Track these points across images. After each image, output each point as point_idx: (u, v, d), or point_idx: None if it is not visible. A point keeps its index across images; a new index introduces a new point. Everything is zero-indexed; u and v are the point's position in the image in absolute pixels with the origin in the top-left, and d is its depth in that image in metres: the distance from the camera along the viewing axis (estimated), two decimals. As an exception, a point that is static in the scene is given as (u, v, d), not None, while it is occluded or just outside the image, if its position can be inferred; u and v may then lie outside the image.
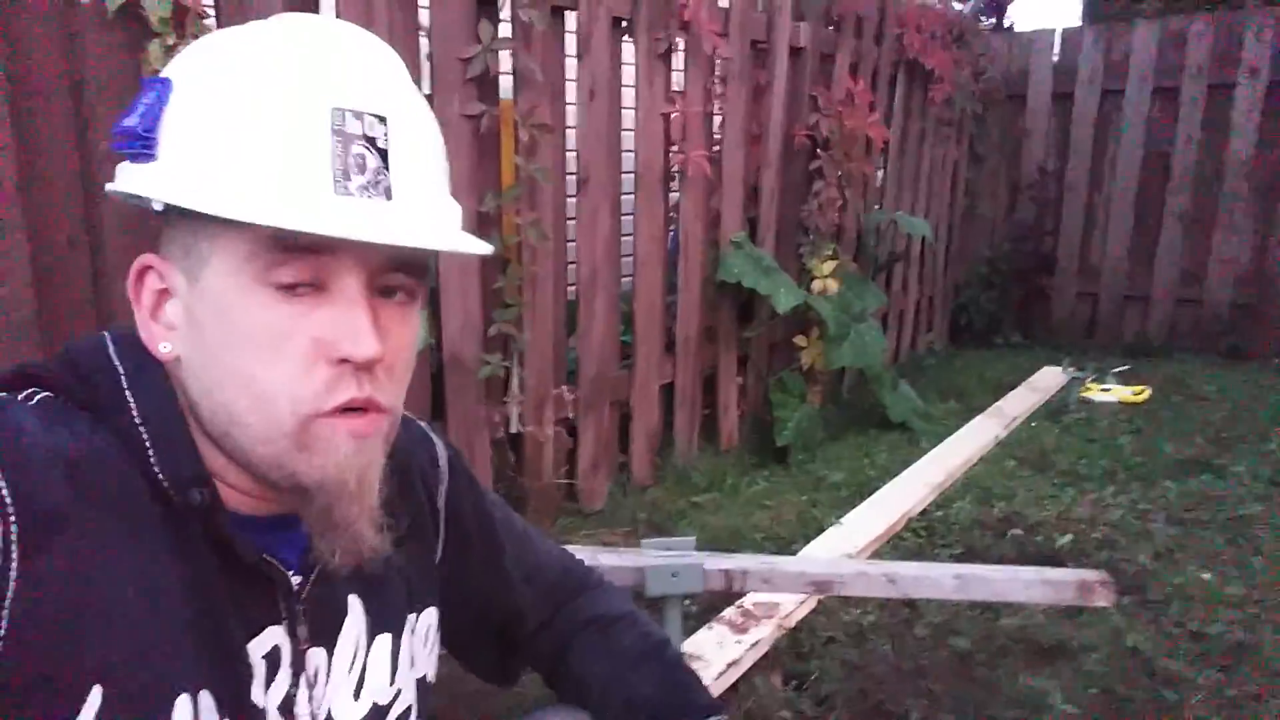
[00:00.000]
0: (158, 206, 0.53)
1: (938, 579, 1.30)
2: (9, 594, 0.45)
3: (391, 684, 0.67)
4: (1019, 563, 2.31)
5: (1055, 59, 5.17)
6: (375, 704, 0.66)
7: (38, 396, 0.54)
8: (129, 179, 0.55)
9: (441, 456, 0.78)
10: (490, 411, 2.31)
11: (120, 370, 0.56)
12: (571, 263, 2.60)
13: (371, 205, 0.53)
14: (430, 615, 0.72)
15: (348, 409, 0.55)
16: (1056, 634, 1.94)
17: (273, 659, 0.59)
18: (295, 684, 0.60)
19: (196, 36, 1.26)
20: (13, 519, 0.46)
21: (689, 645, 1.83)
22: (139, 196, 0.54)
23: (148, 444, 0.54)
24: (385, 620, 0.67)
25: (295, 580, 0.61)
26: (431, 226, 0.57)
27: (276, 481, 0.56)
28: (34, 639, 0.46)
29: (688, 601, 2.12)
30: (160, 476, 0.54)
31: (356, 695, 0.64)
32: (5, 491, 0.46)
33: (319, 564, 0.61)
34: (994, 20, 7.37)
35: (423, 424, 0.79)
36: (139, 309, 0.57)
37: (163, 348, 0.56)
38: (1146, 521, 2.57)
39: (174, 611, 0.52)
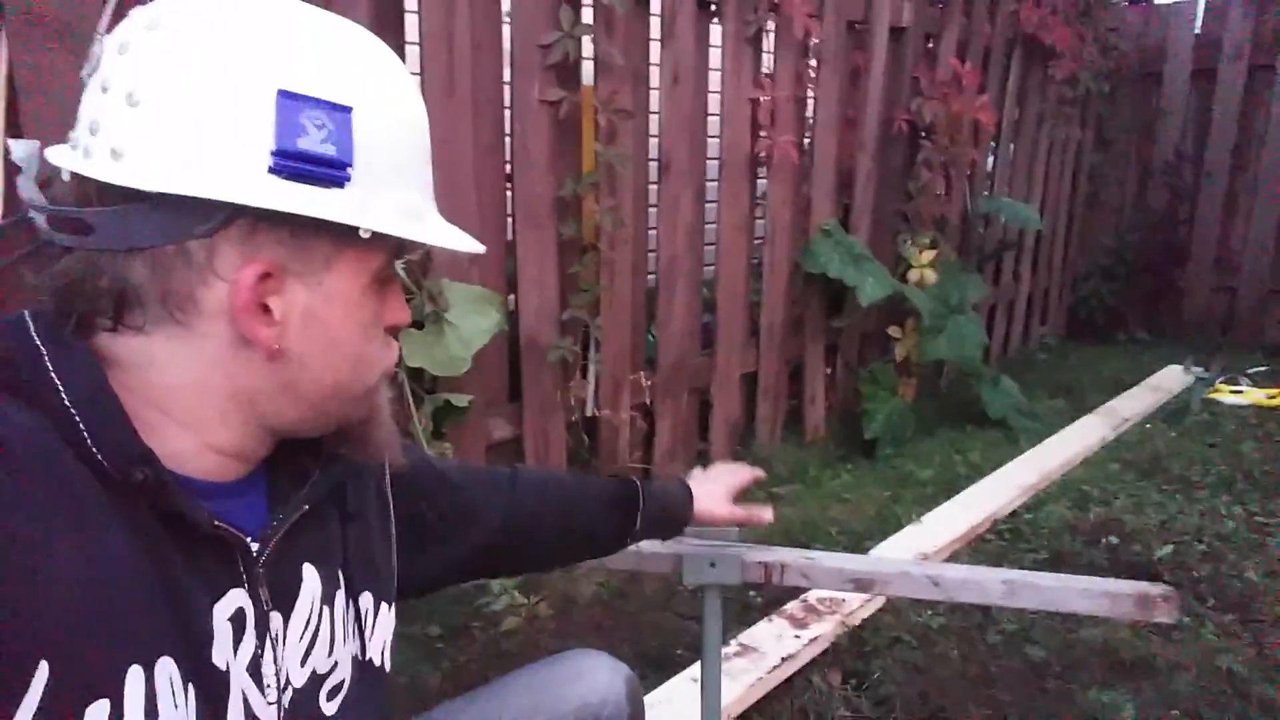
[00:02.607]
0: (365, 235, 0.58)
1: (984, 584, 1.24)
2: None
3: (330, 654, 0.69)
4: (1109, 572, 2.18)
5: (1196, 32, 4.78)
6: (315, 671, 0.67)
7: None
8: (312, 203, 0.55)
9: None
10: (566, 395, 2.35)
11: (43, 350, 0.54)
12: (652, 250, 2.61)
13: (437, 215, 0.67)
14: (365, 600, 0.73)
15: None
16: (1142, 649, 1.82)
17: (238, 621, 0.60)
18: (261, 646, 0.62)
19: None
20: None
21: (746, 636, 1.83)
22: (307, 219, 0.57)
23: (79, 423, 0.53)
24: (332, 593, 0.69)
25: (254, 546, 0.62)
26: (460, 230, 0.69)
27: (337, 425, 0.66)
28: None
29: (753, 593, 2.11)
30: (99, 456, 0.53)
31: (303, 662, 0.66)
32: None
33: (276, 534, 0.63)
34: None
35: None
36: (251, 313, 0.57)
37: (273, 344, 0.59)
38: (1262, 535, 2.37)
39: (123, 583, 0.52)
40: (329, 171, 0.56)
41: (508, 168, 2.17)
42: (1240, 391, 3.68)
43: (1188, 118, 4.85)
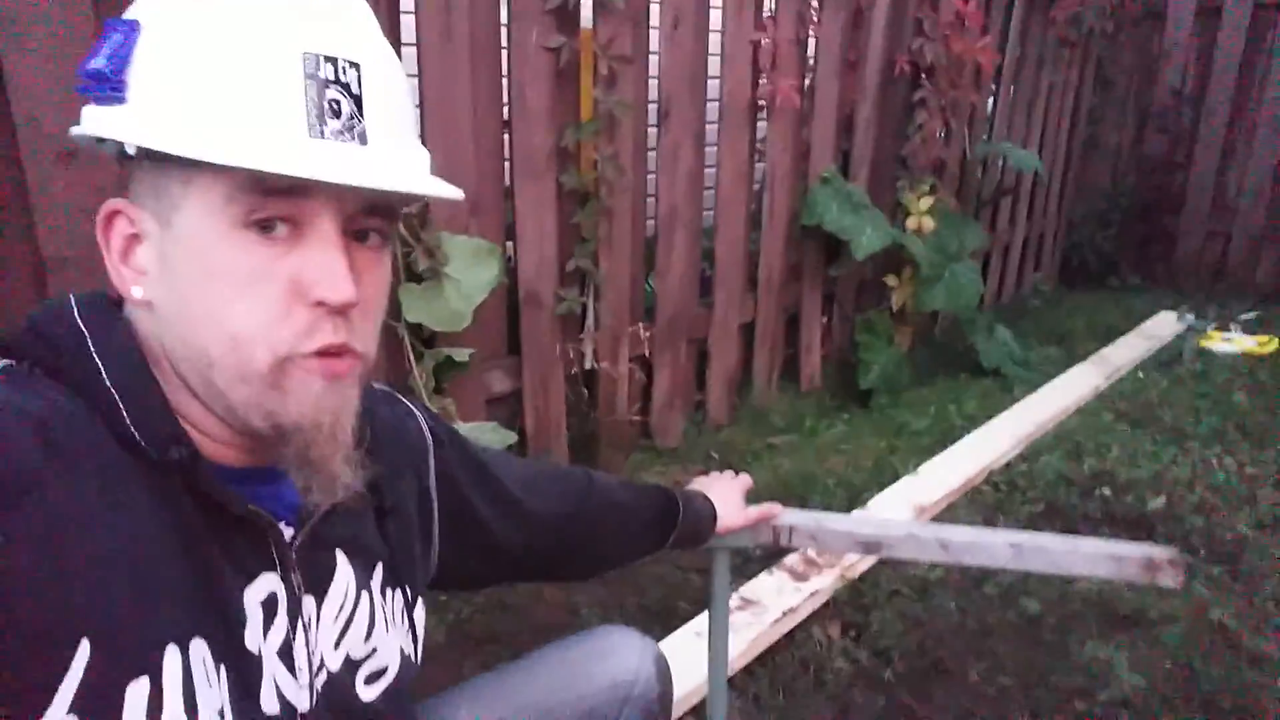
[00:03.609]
0: (130, 150, 0.53)
1: (992, 546, 1.25)
2: None
3: (367, 640, 0.68)
4: (1104, 523, 2.22)
5: (1203, -30, 4.68)
6: (349, 656, 0.67)
7: (1, 364, 0.54)
8: (98, 122, 0.54)
9: (424, 427, 0.80)
10: (565, 348, 2.33)
11: (86, 333, 0.55)
12: (651, 196, 2.56)
13: (347, 149, 0.54)
14: (410, 594, 0.74)
15: (323, 353, 0.56)
16: (1135, 602, 1.86)
17: (269, 605, 0.60)
18: (293, 629, 0.62)
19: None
20: None
21: (747, 589, 1.85)
22: (105, 140, 0.54)
23: (120, 405, 0.54)
24: (366, 581, 0.69)
25: (288, 531, 0.62)
26: (406, 170, 0.57)
27: (255, 424, 0.57)
28: (20, 596, 0.46)
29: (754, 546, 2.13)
30: (137, 436, 0.54)
31: (336, 645, 0.66)
32: None
33: (311, 518, 0.63)
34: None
35: (402, 398, 0.81)
36: (108, 254, 0.58)
37: (135, 291, 0.57)
38: (1253, 486, 2.41)
39: (159, 564, 0.53)
40: (102, 87, 0.53)
41: (505, 114, 2.11)
42: (1231, 339, 3.70)
43: (1190, 59, 4.77)
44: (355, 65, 0.54)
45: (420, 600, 0.75)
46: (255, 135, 0.51)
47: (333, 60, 0.53)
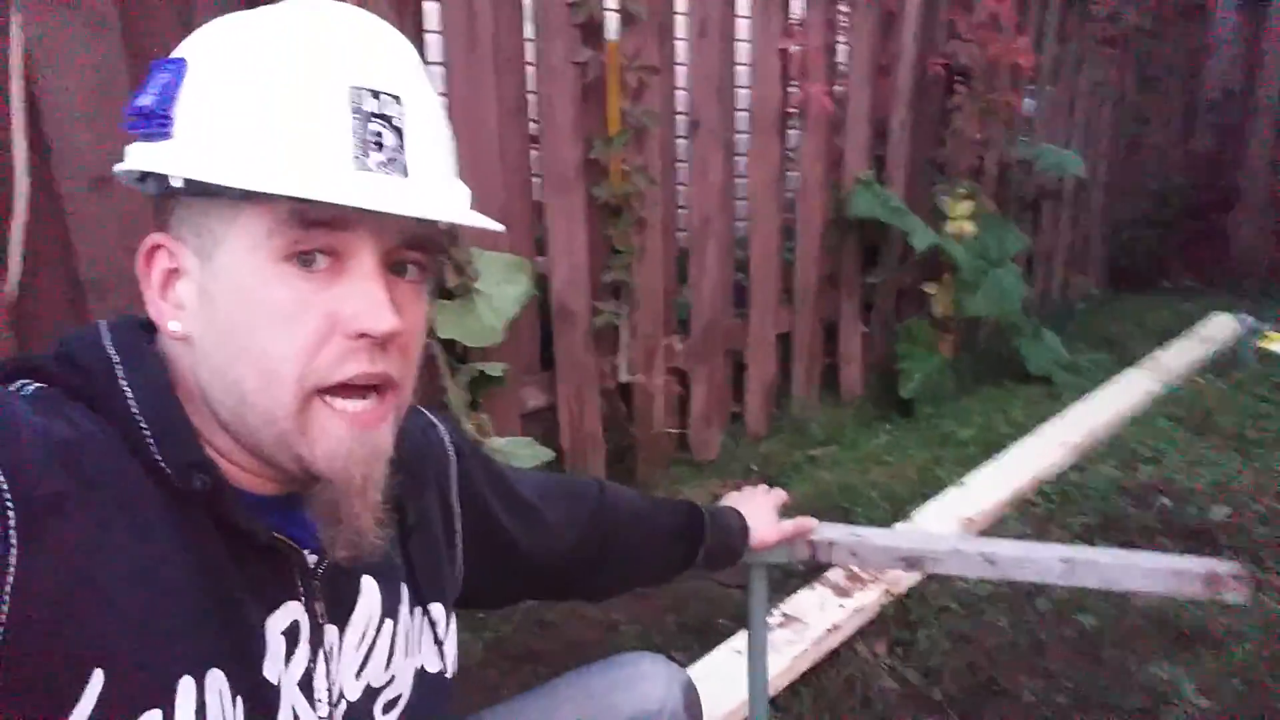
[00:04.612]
0: (177, 183, 0.53)
1: (1042, 561, 1.19)
2: (10, 582, 0.46)
3: (387, 668, 0.67)
4: (1163, 534, 2.12)
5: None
6: (369, 685, 0.66)
7: (32, 388, 0.55)
8: (144, 157, 0.55)
9: (446, 439, 0.79)
10: (599, 361, 2.30)
11: (116, 359, 0.56)
12: (681, 208, 2.53)
13: (390, 181, 0.54)
14: (436, 611, 0.72)
15: (351, 393, 0.56)
16: (1199, 618, 1.77)
17: (291, 634, 0.60)
18: (314, 659, 0.61)
19: None
20: (10, 508, 0.46)
21: (789, 606, 1.80)
22: (148, 175, 0.55)
23: (146, 432, 0.54)
24: (393, 606, 0.68)
25: (312, 559, 0.61)
26: (447, 202, 0.58)
27: (286, 467, 0.57)
28: (36, 625, 0.46)
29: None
30: (162, 464, 0.54)
31: (358, 675, 0.65)
32: (3, 481, 0.47)
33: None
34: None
35: (424, 410, 0.80)
36: (148, 288, 0.58)
37: (172, 326, 0.57)
38: (1323, 495, 2.29)
39: (179, 593, 0.53)
40: (149, 124, 0.53)
41: (532, 128, 2.11)
42: (1292, 340, 3.55)
43: (1236, 54, 4.63)
44: (397, 99, 0.55)
45: (449, 615, 0.74)
46: (301, 166, 0.52)
47: (376, 94, 0.54)
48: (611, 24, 2.16)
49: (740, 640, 1.64)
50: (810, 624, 1.74)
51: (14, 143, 1.26)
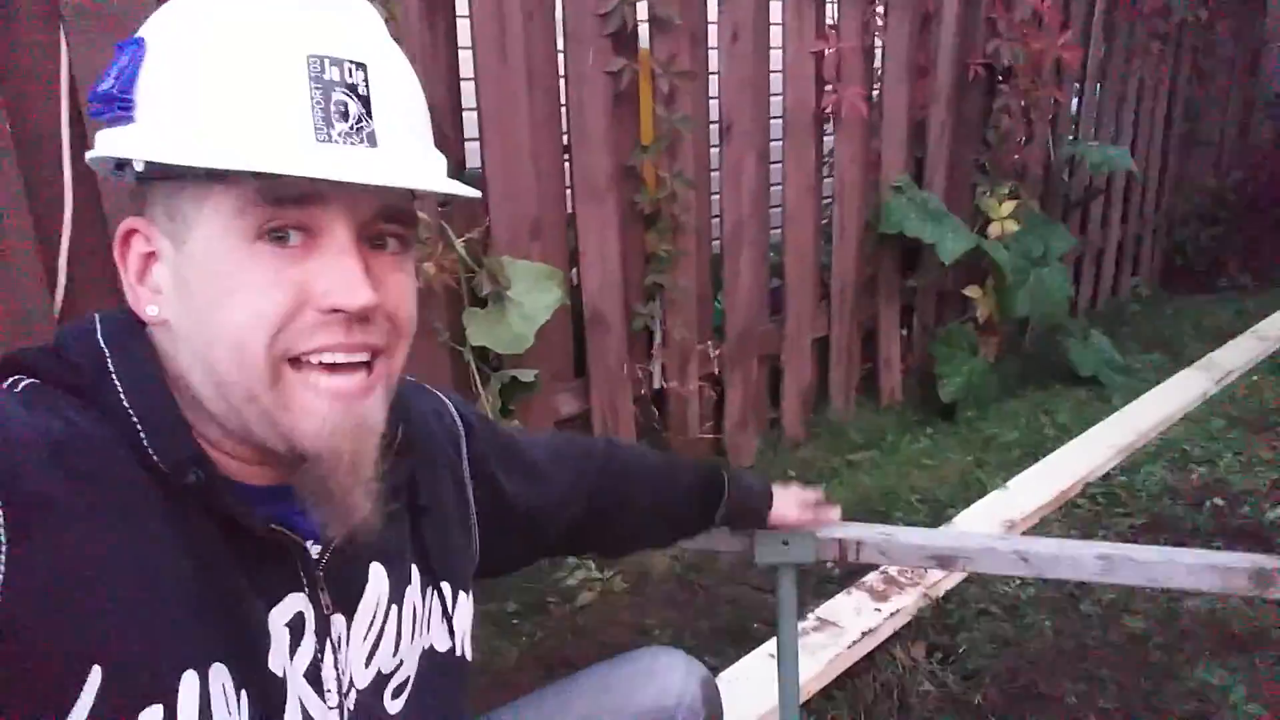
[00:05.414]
0: (139, 167, 0.52)
1: (1078, 559, 1.16)
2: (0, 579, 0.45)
3: (395, 653, 0.67)
4: (1216, 538, 2.05)
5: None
6: (379, 671, 0.66)
7: (23, 383, 0.54)
8: (108, 143, 0.54)
9: (455, 413, 0.79)
10: (633, 368, 2.31)
11: (107, 354, 0.55)
12: (716, 216, 2.54)
13: (356, 152, 0.52)
14: (447, 590, 0.72)
15: (336, 370, 0.55)
16: (1253, 621, 1.71)
17: (296, 626, 0.59)
18: (321, 650, 0.61)
19: None
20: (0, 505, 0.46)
21: (824, 610, 1.78)
22: (118, 161, 0.54)
23: (138, 426, 0.53)
24: (400, 590, 0.67)
25: (315, 549, 0.61)
26: (418, 170, 0.56)
27: (274, 447, 0.56)
28: (29, 622, 0.46)
29: (830, 564, 2.06)
30: (154, 458, 0.53)
31: (367, 663, 0.65)
32: None
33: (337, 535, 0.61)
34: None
35: (432, 389, 0.80)
36: (125, 273, 0.57)
37: (149, 310, 0.56)
38: (1388, 495, 2.20)
39: (177, 588, 0.52)
40: (111, 108, 0.53)
41: (564, 138, 2.13)
42: (1358, 338, 3.42)
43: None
44: (362, 66, 0.53)
45: (464, 595, 0.74)
46: (261, 141, 0.50)
47: (338, 62, 0.52)
48: (642, 32, 2.18)
49: (774, 645, 1.63)
50: (845, 627, 1.72)
51: (62, 159, 1.32)
